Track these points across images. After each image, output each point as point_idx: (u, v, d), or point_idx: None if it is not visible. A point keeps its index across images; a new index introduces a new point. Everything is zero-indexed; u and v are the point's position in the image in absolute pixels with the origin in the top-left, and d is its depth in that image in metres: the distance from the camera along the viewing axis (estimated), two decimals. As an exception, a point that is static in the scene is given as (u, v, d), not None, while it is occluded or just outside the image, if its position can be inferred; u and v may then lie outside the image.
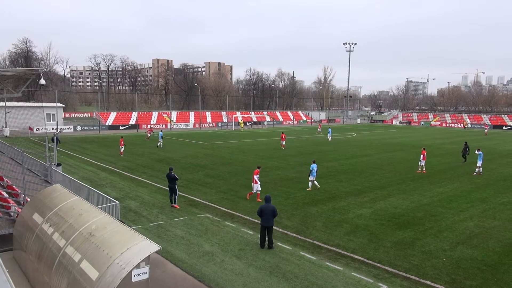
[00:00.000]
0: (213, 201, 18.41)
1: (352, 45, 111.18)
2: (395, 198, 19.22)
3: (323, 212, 16.77)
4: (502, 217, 16.25)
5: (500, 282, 10.36)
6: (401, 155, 35.79)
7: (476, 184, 22.97)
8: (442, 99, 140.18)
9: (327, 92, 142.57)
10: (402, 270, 11.04)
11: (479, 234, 14.13)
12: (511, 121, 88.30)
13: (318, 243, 13.15)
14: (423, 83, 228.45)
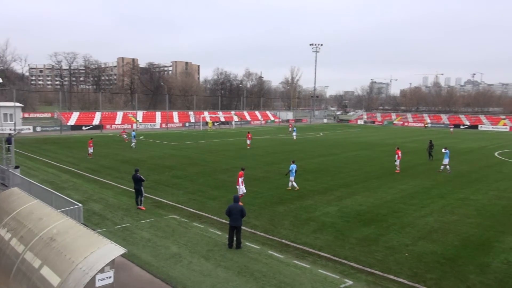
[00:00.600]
0: (181, 202, 18.20)
1: (318, 46, 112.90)
2: (360, 196, 19.71)
3: (290, 211, 16.95)
4: (460, 212, 17.02)
5: (458, 274, 10.85)
6: (366, 154, 36.74)
7: (436, 181, 23.94)
8: (404, 99, 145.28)
9: (294, 92, 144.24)
10: (366, 266, 11.34)
11: (438, 229, 14.73)
12: (468, 120, 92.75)
13: (286, 241, 13.28)
14: (387, 84, 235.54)
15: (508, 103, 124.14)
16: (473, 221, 15.78)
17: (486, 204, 18.42)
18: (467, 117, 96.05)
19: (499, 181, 24.22)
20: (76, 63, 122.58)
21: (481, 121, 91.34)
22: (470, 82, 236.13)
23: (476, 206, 18.03)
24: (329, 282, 10.33)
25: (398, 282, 10.36)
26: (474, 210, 17.44)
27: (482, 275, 10.83)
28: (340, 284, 10.24)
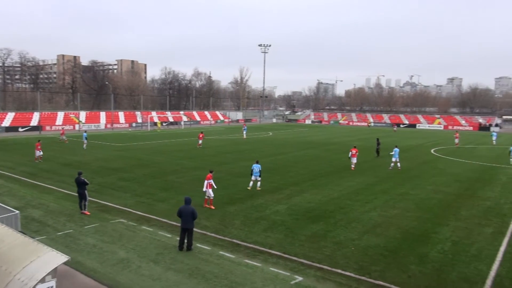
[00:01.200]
0: (128, 205, 17.62)
1: (266, 47, 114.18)
2: (308, 194, 20.21)
3: (241, 210, 17.01)
4: (401, 206, 18.01)
5: (400, 265, 11.48)
6: (314, 153, 37.74)
7: (379, 177, 25.14)
8: (349, 99, 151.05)
9: (244, 92, 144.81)
10: (315, 261, 11.66)
11: (382, 223, 15.49)
12: (407, 119, 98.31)
13: (237, 241, 13.31)
14: (332, 85, 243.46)
15: (442, 103, 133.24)
16: (413, 214, 16.76)
17: (424, 198, 19.63)
18: (406, 117, 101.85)
19: (435, 176, 25.91)
20: (10, 59, 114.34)
21: (418, 120, 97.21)
22: (409, 83, 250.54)
23: (415, 200, 19.16)
24: (280, 280, 10.49)
25: (346, 276, 10.75)
26: (413, 204, 18.52)
27: (421, 264, 11.53)
28: (290, 280, 10.44)
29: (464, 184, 23.43)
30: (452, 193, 20.92)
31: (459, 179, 24.98)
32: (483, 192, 21.29)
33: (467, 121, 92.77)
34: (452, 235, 14.10)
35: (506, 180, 24.83)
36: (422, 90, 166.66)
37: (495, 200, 19.52)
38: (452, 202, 18.92)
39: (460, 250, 12.71)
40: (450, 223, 15.52)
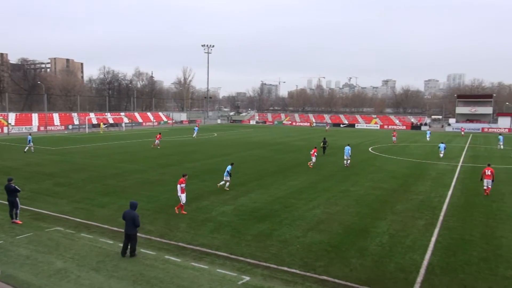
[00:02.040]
0: (65, 212, 16.64)
1: (210, 48, 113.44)
2: (254, 194, 20.38)
3: (187, 212, 16.74)
4: (342, 203, 18.75)
5: (343, 260, 11.95)
6: (259, 153, 38.13)
7: (321, 176, 25.98)
8: (291, 100, 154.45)
9: (187, 93, 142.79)
10: (262, 260, 11.79)
11: (325, 219, 16.02)
12: (347, 119, 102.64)
13: (183, 244, 13.09)
14: (276, 86, 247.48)
15: (378, 104, 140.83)
16: (353, 210, 17.52)
17: (363, 195, 20.60)
18: (346, 117, 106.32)
19: (373, 173, 27.30)
20: None
21: (357, 120, 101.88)
22: (347, 85, 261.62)
23: (355, 197, 20.04)
24: (227, 281, 10.47)
25: (291, 273, 10.98)
26: (353, 200, 19.37)
27: (362, 258, 12.09)
28: (238, 281, 10.46)
29: (399, 180, 24.91)
30: (389, 188, 22.16)
31: (394, 175, 26.52)
32: (415, 187, 22.78)
33: (401, 120, 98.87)
34: (389, 229, 14.93)
35: (436, 175, 26.78)
36: (360, 92, 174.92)
37: (426, 194, 20.97)
38: (389, 198, 20.04)
39: (396, 242, 13.49)
40: (387, 217, 16.42)
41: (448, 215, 16.82)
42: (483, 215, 16.95)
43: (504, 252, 12.60)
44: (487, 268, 11.37)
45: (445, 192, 21.49)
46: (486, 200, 19.58)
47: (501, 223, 15.81)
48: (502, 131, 75.58)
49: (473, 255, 12.40)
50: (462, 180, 25.25)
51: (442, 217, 16.48)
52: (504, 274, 10.99)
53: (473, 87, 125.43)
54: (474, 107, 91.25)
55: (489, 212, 17.36)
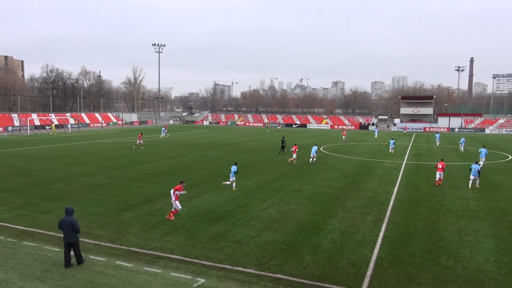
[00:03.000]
0: (5, 220, 15.57)
1: (161, 47, 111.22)
2: (208, 195, 20.22)
3: (139, 216, 16.29)
4: (295, 202, 19.09)
5: (297, 257, 12.17)
6: (213, 154, 37.90)
7: (275, 175, 26.30)
8: (245, 101, 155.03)
9: (138, 93, 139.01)
10: (217, 262, 11.72)
11: (279, 219, 16.23)
12: (299, 120, 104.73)
13: (135, 249, 12.70)
14: (229, 86, 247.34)
15: (328, 104, 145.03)
16: (306, 208, 17.90)
17: (315, 193, 21.11)
18: (298, 117, 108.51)
19: (324, 172, 28.05)
20: None
21: (309, 120, 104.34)
22: (299, 86, 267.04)
23: (307, 196, 20.49)
24: (181, 284, 10.30)
25: (247, 273, 11.02)
26: (306, 199, 19.79)
27: (315, 255, 12.38)
28: (192, 283, 10.32)
29: (349, 178, 25.80)
30: (339, 187, 22.88)
31: (345, 173, 27.43)
32: (364, 184, 23.70)
33: (350, 120, 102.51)
34: (340, 225, 15.42)
35: (382, 173, 28.03)
36: (311, 93, 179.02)
37: (374, 191, 21.89)
38: (340, 195, 20.70)
39: (347, 238, 13.96)
40: (339, 215, 16.95)
41: (394, 211, 17.66)
42: (425, 209, 17.97)
43: (445, 244, 13.44)
44: (430, 260, 12.07)
45: (392, 188, 22.55)
46: (428, 196, 20.79)
47: (442, 216, 16.85)
48: (438, 130, 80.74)
49: (417, 247, 13.11)
50: (407, 177, 26.62)
51: (389, 213, 17.28)
52: (446, 265, 11.72)
53: (416, 89, 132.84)
54: (416, 107, 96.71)
55: (431, 207, 18.44)
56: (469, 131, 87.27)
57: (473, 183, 22.80)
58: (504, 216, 16.93)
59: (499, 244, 13.50)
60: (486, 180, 25.22)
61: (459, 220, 16.33)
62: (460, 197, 20.40)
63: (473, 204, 19.07)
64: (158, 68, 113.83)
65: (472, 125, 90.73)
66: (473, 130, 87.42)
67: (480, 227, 15.31)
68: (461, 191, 21.99)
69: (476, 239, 14.00)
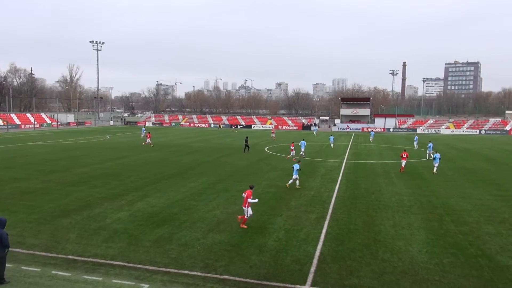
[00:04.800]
0: None
1: (100, 44, 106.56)
2: (152, 198, 19.69)
3: (77, 222, 15.45)
4: (241, 202, 19.09)
5: (243, 257, 12.22)
6: (156, 155, 36.98)
7: (220, 176, 26.23)
8: (189, 101, 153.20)
9: (75, 93, 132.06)
10: (162, 266, 11.44)
11: (225, 219, 16.20)
12: (243, 120, 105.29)
13: (73, 257, 12.03)
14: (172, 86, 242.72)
15: (272, 105, 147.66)
16: (252, 208, 17.99)
17: (261, 193, 21.32)
18: (243, 118, 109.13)
19: (269, 172, 28.46)
20: None
21: (253, 121, 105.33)
22: (243, 87, 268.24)
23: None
24: (124, 291, 9.93)
25: (192, 276, 10.87)
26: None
27: (261, 254, 12.51)
28: (136, 290, 9.98)
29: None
30: (284, 186, 23.32)
31: (289, 173, 27.92)
32: (307, 183, 24.37)
33: (293, 121, 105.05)
34: (285, 224, 15.72)
35: (325, 172, 29.02)
36: (255, 94, 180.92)
37: (317, 189, 22.58)
38: (284, 195, 21.10)
39: (291, 236, 14.27)
40: (283, 213, 17.27)
41: (336, 208, 18.35)
42: (364, 206, 18.87)
43: (382, 238, 14.20)
44: (369, 253, 12.69)
45: (333, 187, 23.41)
46: (367, 192, 21.85)
47: (379, 212, 17.79)
48: (374, 129, 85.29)
49: (358, 242, 13.73)
50: (347, 175, 27.79)
51: (331, 210, 17.92)
52: (383, 257, 12.39)
53: (354, 91, 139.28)
54: (355, 109, 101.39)
55: (369, 203, 19.39)
56: (403, 131, 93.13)
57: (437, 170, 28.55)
58: (434, 210, 18.25)
59: (430, 235, 14.53)
60: (418, 176, 27.06)
61: (394, 214, 17.34)
62: (395, 193, 21.67)
63: (407, 199, 20.35)
64: (97, 66, 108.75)
65: (405, 125, 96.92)
66: (406, 130, 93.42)
67: (413, 221, 16.37)
68: (396, 187, 23.36)
69: (410, 232, 14.95)
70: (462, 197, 20.91)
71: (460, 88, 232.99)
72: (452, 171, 29.66)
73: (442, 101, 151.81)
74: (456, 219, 16.69)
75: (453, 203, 19.54)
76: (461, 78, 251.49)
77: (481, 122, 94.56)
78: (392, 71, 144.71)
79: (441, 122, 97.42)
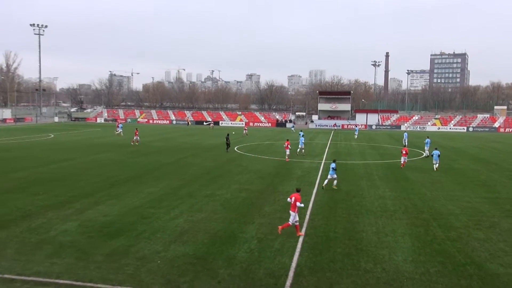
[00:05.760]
0: None
1: (41, 28, 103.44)
2: (105, 205, 19.29)
3: (15, 235, 14.91)
4: (208, 209, 19.07)
5: (210, 272, 12.15)
6: (110, 156, 36.30)
7: (184, 180, 26.01)
8: (147, 94, 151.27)
9: (12, 84, 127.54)
10: (116, 284, 11.21)
11: (189, 229, 16.07)
12: (210, 116, 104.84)
13: (11, 276, 11.58)
14: (128, 78, 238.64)
15: (243, 99, 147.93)
16: (220, 216, 17.99)
17: (230, 198, 21.31)
18: (209, 114, 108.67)
19: (239, 174, 28.48)
20: None
21: (221, 117, 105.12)
22: (210, 78, 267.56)
23: (221, 201, 20.61)
24: (72, 314, 9.66)
25: (152, 294, 10.71)
26: (220, 205, 19.89)
27: (230, 267, 12.48)
28: (86, 312, 9.73)
29: (266, 180, 26.51)
30: (256, 190, 23.40)
31: (261, 175, 28.13)
32: (282, 186, 24.55)
33: (266, 117, 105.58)
34: (258, 233, 15.76)
35: (301, 174, 29.32)
36: (224, 86, 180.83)
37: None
38: (256, 200, 21.16)
39: (265, 246, 14.32)
40: (255, 221, 17.32)
41: (313, 214, 18.57)
42: (345, 211, 19.20)
43: (365, 246, 14.49)
44: (350, 264, 12.92)
45: (310, 190, 23.69)
46: (347, 196, 22.24)
47: (361, 217, 18.14)
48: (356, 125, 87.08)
49: (338, 251, 13.94)
50: (325, 177, 28.09)
51: (308, 217, 18.12)
52: (366, 268, 12.64)
53: (333, 84, 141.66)
54: (334, 103, 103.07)
55: (350, 208, 19.75)
56: (386, 128, 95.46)
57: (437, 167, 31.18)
58: (420, 215, 18.79)
59: (416, 243, 14.94)
60: (403, 178, 27.81)
61: (377, 220, 17.73)
62: (378, 197, 22.16)
63: (391, 203, 20.86)
64: (39, 53, 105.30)
65: (388, 122, 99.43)
66: (390, 127, 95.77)
67: (397, 227, 16.79)
68: (379, 190, 23.90)
69: (394, 239, 15.32)
70: (449, 200, 21.64)
71: (446, 82, 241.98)
72: (438, 172, 30.65)
73: (427, 95, 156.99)
74: (443, 224, 17.25)
75: (440, 207, 20.19)
76: (448, 70, 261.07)
77: (469, 119, 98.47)
78: (374, 62, 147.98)
79: (427, 119, 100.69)
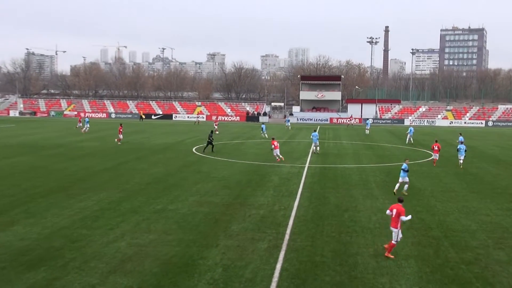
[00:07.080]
0: None
1: None
2: (21, 226, 18.92)
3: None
4: (158, 229, 18.92)
5: (160, 310, 12.07)
6: (28, 161, 35.76)
7: (126, 191, 25.74)
8: (77, 80, 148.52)
9: None
10: (37, 329, 11.00)
11: (133, 255, 15.89)
12: (161, 108, 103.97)
13: None
14: (51, 57, 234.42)
15: (203, 86, 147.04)
16: (174, 237, 17.87)
17: (186, 214, 21.21)
18: (159, 105, 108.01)
19: (199, 183, 28.38)
20: None
21: (175, 109, 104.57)
22: (160, 58, 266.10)
23: (175, 218, 20.49)
24: None
25: None
26: (174, 223, 19.76)
27: (187, 304, 12.43)
28: None
29: (233, 190, 26.52)
30: (220, 203, 23.37)
31: (227, 184, 28.12)
32: (254, 198, 24.62)
33: (233, 109, 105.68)
34: (223, 258, 15.74)
35: (279, 182, 29.47)
36: (178, 69, 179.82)
37: (269, 206, 22.88)
38: (221, 215, 21.14)
39: (233, 275, 14.31)
40: (220, 243, 17.29)
41: (295, 233, 18.68)
42: (335, 228, 19.40)
43: (360, 273, 14.67)
44: (342, 296, 13.07)
45: (291, 202, 23.83)
46: (337, 210, 22.50)
47: (355, 236, 18.38)
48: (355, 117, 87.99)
49: (326, 280, 14.06)
50: (310, 185, 28.42)
51: (289, 236, 18.22)
52: (360, 300, 12.82)
53: (319, 66, 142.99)
54: (321, 91, 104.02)
55: (341, 224, 19.98)
56: (386, 122, 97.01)
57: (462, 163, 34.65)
58: (429, 232, 19.19)
59: (424, 267, 15.24)
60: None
61: (375, 239, 17.99)
62: (376, 210, 22.50)
63: (392, 217, 21.22)
64: None
65: (389, 114, 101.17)
66: (390, 122, 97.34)
67: (400, 247, 17.07)
68: (377, 201, 24.28)
69: (397, 263, 15.59)
70: (464, 213, 22.21)
71: (460, 64, 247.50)
72: (451, 178, 31.37)
73: (437, 82, 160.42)
74: (457, 243, 17.66)
75: (453, 222, 20.68)
76: (462, 50, 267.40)
77: (488, 110, 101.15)
78: (370, 39, 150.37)
79: (437, 111, 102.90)
